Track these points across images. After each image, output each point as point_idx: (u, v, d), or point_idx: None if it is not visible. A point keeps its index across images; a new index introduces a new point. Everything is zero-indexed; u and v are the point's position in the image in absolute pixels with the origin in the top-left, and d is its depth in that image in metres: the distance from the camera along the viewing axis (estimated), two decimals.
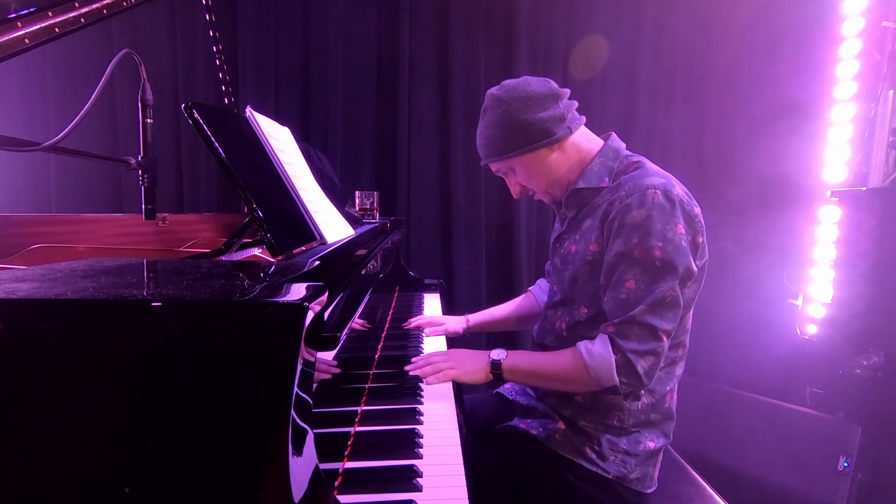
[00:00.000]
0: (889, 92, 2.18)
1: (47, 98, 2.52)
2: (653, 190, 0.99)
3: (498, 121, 1.10)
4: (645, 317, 0.98)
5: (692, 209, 1.02)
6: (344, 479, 0.78)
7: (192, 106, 0.81)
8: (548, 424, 1.14)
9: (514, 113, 1.08)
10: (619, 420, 1.08)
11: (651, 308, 0.98)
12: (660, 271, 0.98)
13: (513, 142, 1.10)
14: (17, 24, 0.80)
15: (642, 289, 0.98)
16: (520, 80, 1.11)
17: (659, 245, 0.97)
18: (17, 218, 1.30)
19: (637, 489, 1.09)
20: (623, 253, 1.00)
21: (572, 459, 1.08)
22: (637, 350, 0.98)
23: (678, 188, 1.02)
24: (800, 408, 2.05)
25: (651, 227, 0.97)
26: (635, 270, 0.99)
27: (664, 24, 2.56)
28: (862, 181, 2.27)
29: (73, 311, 0.50)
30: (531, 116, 1.08)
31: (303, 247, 0.92)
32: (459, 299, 2.53)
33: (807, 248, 2.40)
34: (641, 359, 0.98)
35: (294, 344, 0.52)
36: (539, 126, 1.08)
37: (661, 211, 0.98)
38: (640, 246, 0.98)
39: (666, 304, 0.98)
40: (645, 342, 0.98)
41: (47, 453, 0.49)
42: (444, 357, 1.19)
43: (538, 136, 1.09)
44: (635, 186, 1.01)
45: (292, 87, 2.54)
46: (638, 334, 0.99)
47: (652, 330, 0.98)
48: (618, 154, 1.13)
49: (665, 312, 0.99)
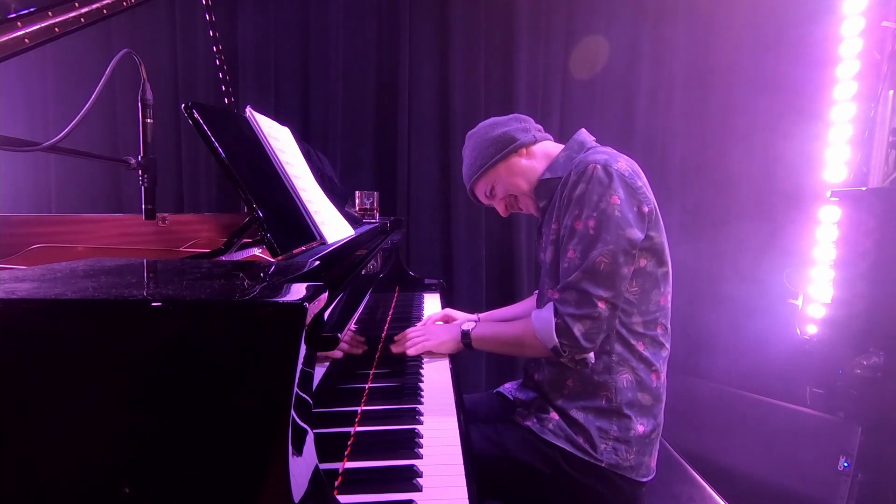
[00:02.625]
0: (889, 92, 2.18)
1: (47, 98, 2.52)
2: (593, 165, 1.07)
3: (471, 147, 1.28)
4: (580, 283, 1.06)
5: (634, 181, 1.08)
6: (344, 479, 0.78)
7: (192, 106, 0.81)
8: (542, 415, 1.15)
9: (483, 136, 1.26)
10: (608, 400, 1.11)
11: (585, 274, 1.06)
12: (593, 240, 1.05)
13: (485, 156, 1.25)
14: (17, 24, 0.80)
15: (578, 257, 1.07)
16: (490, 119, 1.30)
17: (593, 215, 1.06)
18: (17, 218, 1.30)
19: (632, 477, 1.09)
20: (567, 226, 1.10)
21: (566, 449, 1.10)
22: (574, 314, 1.06)
23: (622, 163, 1.09)
24: (800, 408, 2.05)
25: (588, 200, 1.06)
26: (574, 241, 1.08)
27: (664, 24, 2.56)
28: (862, 181, 2.27)
29: (73, 311, 0.50)
30: (496, 133, 1.24)
31: (303, 247, 0.92)
32: (459, 299, 2.53)
33: (807, 248, 2.40)
34: (578, 322, 1.06)
35: (294, 344, 0.52)
36: (505, 137, 1.23)
37: (599, 183, 1.06)
38: (579, 217, 1.08)
39: (599, 271, 1.05)
40: (581, 307, 1.06)
41: (47, 453, 0.49)
42: (421, 331, 1.32)
43: (505, 144, 1.23)
44: (580, 163, 1.10)
45: (292, 87, 2.54)
46: (575, 300, 1.07)
47: (586, 295, 1.05)
48: (583, 146, 1.22)
49: (599, 279, 1.05)
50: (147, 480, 0.49)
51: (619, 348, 1.11)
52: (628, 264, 1.06)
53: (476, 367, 2.58)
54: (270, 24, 2.49)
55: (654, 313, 1.12)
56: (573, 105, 2.58)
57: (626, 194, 1.06)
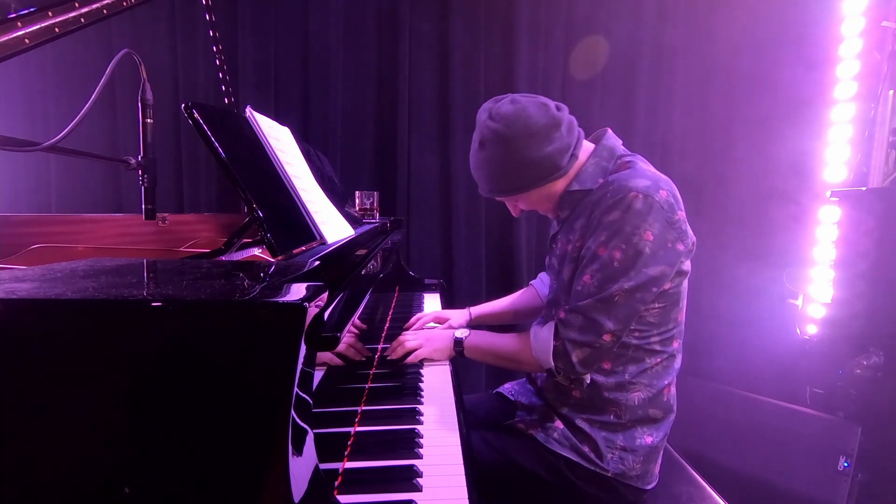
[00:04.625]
0: (889, 92, 2.18)
1: (47, 98, 2.52)
2: (634, 193, 0.98)
3: (502, 159, 1.07)
4: (590, 311, 1.01)
5: (673, 215, 1.00)
6: (344, 479, 0.78)
7: (192, 106, 0.81)
8: (546, 423, 1.14)
9: (521, 151, 1.05)
10: (616, 416, 1.08)
11: (598, 304, 1.00)
12: (616, 272, 0.99)
13: (521, 181, 1.09)
14: (17, 24, 0.80)
15: (595, 285, 1.01)
16: (517, 110, 1.05)
17: (622, 247, 0.98)
18: (17, 218, 1.30)
19: (637, 486, 1.09)
20: (590, 248, 1.03)
21: (571, 458, 1.09)
22: (575, 340, 1.02)
23: (663, 192, 1.00)
24: (800, 408, 2.05)
25: (619, 230, 0.98)
26: (594, 266, 1.02)
27: (664, 24, 2.56)
28: (862, 181, 2.27)
29: (73, 311, 0.50)
30: (538, 154, 1.05)
31: (303, 247, 0.92)
32: (459, 299, 2.52)
33: (807, 248, 2.40)
34: (578, 349, 1.02)
35: (294, 344, 0.52)
36: (547, 163, 1.06)
37: (636, 215, 0.97)
38: (605, 244, 1.00)
39: (614, 303, 0.99)
40: (584, 334, 1.01)
41: (48, 453, 0.49)
42: (414, 336, 1.26)
43: (547, 172, 1.08)
44: (619, 188, 1.01)
45: (292, 87, 2.53)
46: (580, 326, 1.02)
47: (594, 323, 1.01)
48: (612, 153, 1.13)
49: (612, 311, 1.00)
50: (147, 480, 0.49)
51: (633, 368, 1.08)
52: (645, 301, 1.01)
53: (476, 366, 2.58)
54: (270, 24, 2.49)
55: (671, 330, 1.09)
56: (573, 105, 2.56)
57: (662, 229, 0.98)
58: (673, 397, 1.14)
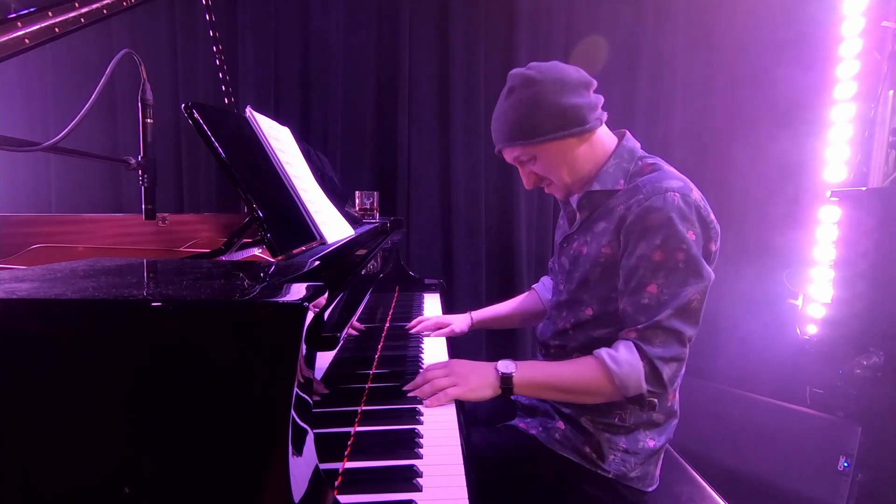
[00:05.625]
0: (889, 92, 2.18)
1: (47, 98, 2.52)
2: (672, 193, 0.96)
3: (529, 101, 1.03)
4: (671, 322, 0.95)
5: (708, 215, 1.00)
6: (344, 479, 0.78)
7: (192, 106, 0.81)
8: (547, 424, 1.14)
9: (548, 94, 1.01)
10: (621, 419, 1.08)
11: (677, 313, 0.96)
12: (685, 274, 0.95)
13: (544, 125, 1.03)
14: (17, 24, 0.80)
15: (666, 293, 0.96)
16: (551, 63, 1.05)
17: (683, 247, 0.95)
18: (17, 218, 1.30)
19: (638, 487, 1.09)
20: (645, 256, 0.97)
21: (572, 459, 1.09)
22: (663, 356, 0.96)
23: (696, 192, 1.00)
24: (800, 408, 2.05)
25: (673, 230, 0.95)
26: (658, 274, 0.96)
27: (664, 24, 2.56)
28: (862, 181, 2.27)
29: (73, 311, 0.50)
30: (566, 101, 1.02)
31: (303, 247, 0.92)
32: (459, 299, 2.53)
33: (807, 248, 2.40)
34: (667, 365, 0.96)
35: (294, 344, 0.52)
36: (573, 113, 1.02)
37: (681, 214, 0.95)
38: (663, 248, 0.95)
39: (691, 308, 0.96)
40: (670, 348, 0.96)
41: (48, 453, 0.49)
42: (445, 372, 1.06)
43: (572, 122, 1.03)
44: (654, 189, 0.98)
45: (292, 88, 2.53)
46: (663, 340, 0.96)
47: (678, 335, 0.96)
48: (633, 155, 1.11)
49: (689, 318, 0.97)
50: (147, 480, 0.49)
51: None
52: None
53: None
54: (271, 24, 2.49)
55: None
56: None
57: (702, 229, 0.98)
58: (677, 402, 1.13)
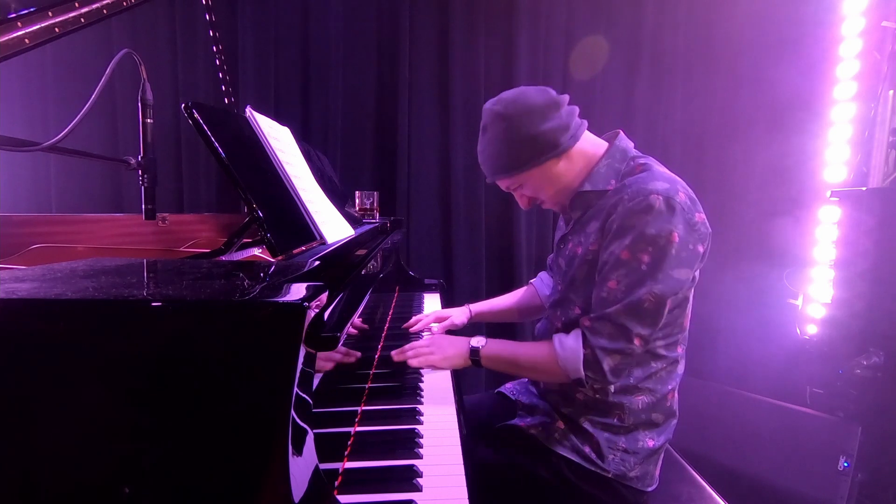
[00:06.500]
0: (889, 92, 2.18)
1: (47, 98, 2.52)
2: (655, 195, 0.97)
3: (501, 137, 1.09)
4: (620, 317, 0.99)
5: (693, 217, 0.99)
6: (344, 479, 0.78)
7: (192, 106, 0.81)
8: (547, 423, 1.14)
9: (518, 128, 1.07)
10: (620, 419, 1.08)
11: (627, 309, 0.98)
12: (643, 276, 0.97)
13: (520, 157, 1.09)
14: (17, 24, 0.80)
15: (622, 290, 0.99)
16: (517, 92, 1.09)
17: (648, 250, 0.97)
18: (17, 218, 1.30)
19: (637, 487, 1.09)
20: (613, 253, 1.00)
21: (571, 458, 1.09)
22: (605, 347, 1.00)
23: (682, 194, 1.00)
24: (800, 408, 2.05)
25: (644, 232, 0.97)
26: (620, 271, 0.99)
27: (664, 24, 2.56)
28: (862, 181, 2.27)
29: (73, 311, 0.50)
30: (535, 129, 1.06)
31: (303, 247, 0.92)
32: (459, 299, 2.52)
33: (807, 248, 2.40)
34: (608, 356, 1.00)
35: (294, 344, 0.52)
36: (544, 139, 1.07)
37: (659, 217, 0.96)
38: (630, 248, 0.98)
39: (643, 308, 0.98)
40: (615, 341, 1.00)
41: (48, 453, 0.49)
42: (427, 343, 1.23)
43: (546, 148, 1.07)
44: (639, 190, 0.99)
45: (292, 87, 2.53)
46: (609, 333, 1.00)
47: (624, 330, 0.99)
48: (625, 155, 1.12)
49: (642, 316, 0.98)
50: (147, 480, 0.49)
51: (639, 372, 1.07)
52: (670, 304, 1.00)
53: None
54: (270, 24, 2.49)
55: (676, 335, 1.09)
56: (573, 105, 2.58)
57: (686, 232, 0.98)
58: (676, 402, 1.14)
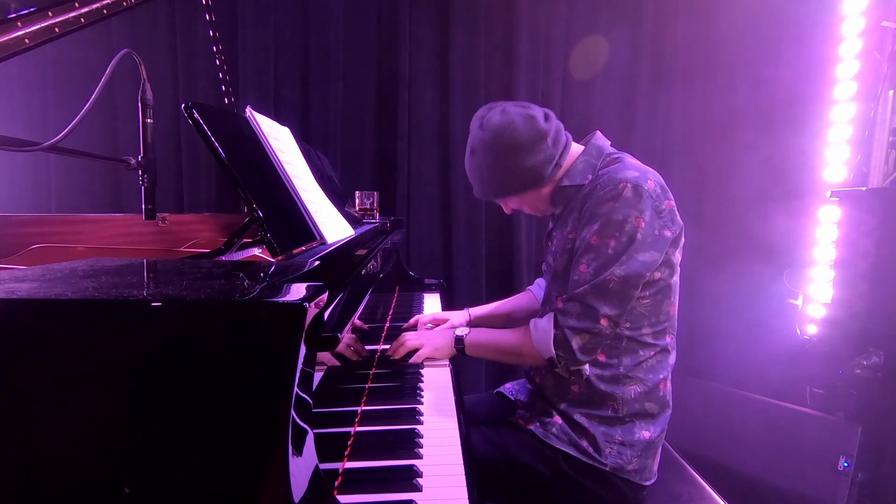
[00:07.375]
0: (889, 92, 2.18)
1: (47, 98, 2.52)
2: (624, 183, 1.03)
3: (489, 165, 1.17)
4: (586, 297, 1.04)
5: (661, 204, 1.05)
6: (344, 479, 0.78)
7: (192, 106, 0.81)
8: (544, 419, 1.15)
9: (504, 160, 1.15)
10: (614, 409, 1.10)
11: (593, 290, 1.04)
12: (609, 259, 1.03)
13: (506, 185, 1.18)
14: (17, 24, 0.80)
15: (591, 273, 1.05)
16: (505, 123, 1.13)
17: (615, 235, 1.03)
18: (17, 218, 1.30)
19: (635, 481, 1.09)
20: (585, 238, 1.07)
21: (569, 453, 1.10)
22: (574, 327, 1.05)
23: (651, 182, 1.05)
24: (800, 408, 2.05)
25: (611, 218, 1.03)
26: (589, 255, 1.06)
27: (664, 24, 2.56)
28: (862, 181, 2.27)
29: (73, 311, 0.50)
30: (521, 164, 1.14)
31: (303, 247, 0.92)
32: (459, 299, 2.52)
33: (807, 248, 2.40)
34: (577, 336, 1.05)
35: (294, 344, 0.52)
36: (532, 173, 1.15)
37: (627, 204, 1.02)
38: (599, 233, 1.04)
39: (608, 289, 1.03)
40: (582, 321, 1.05)
41: (48, 453, 0.49)
42: (416, 336, 1.27)
43: (532, 181, 1.16)
44: (609, 179, 1.06)
45: (292, 88, 2.53)
46: (578, 313, 1.05)
47: (590, 310, 1.04)
48: (601, 152, 1.18)
49: (608, 297, 1.03)
50: (147, 480, 0.49)
51: (628, 360, 1.10)
52: (638, 287, 1.05)
53: (476, 366, 2.58)
54: (270, 24, 2.49)
55: (663, 323, 1.12)
56: (573, 105, 2.58)
57: (652, 217, 1.04)
58: (668, 392, 1.15)
